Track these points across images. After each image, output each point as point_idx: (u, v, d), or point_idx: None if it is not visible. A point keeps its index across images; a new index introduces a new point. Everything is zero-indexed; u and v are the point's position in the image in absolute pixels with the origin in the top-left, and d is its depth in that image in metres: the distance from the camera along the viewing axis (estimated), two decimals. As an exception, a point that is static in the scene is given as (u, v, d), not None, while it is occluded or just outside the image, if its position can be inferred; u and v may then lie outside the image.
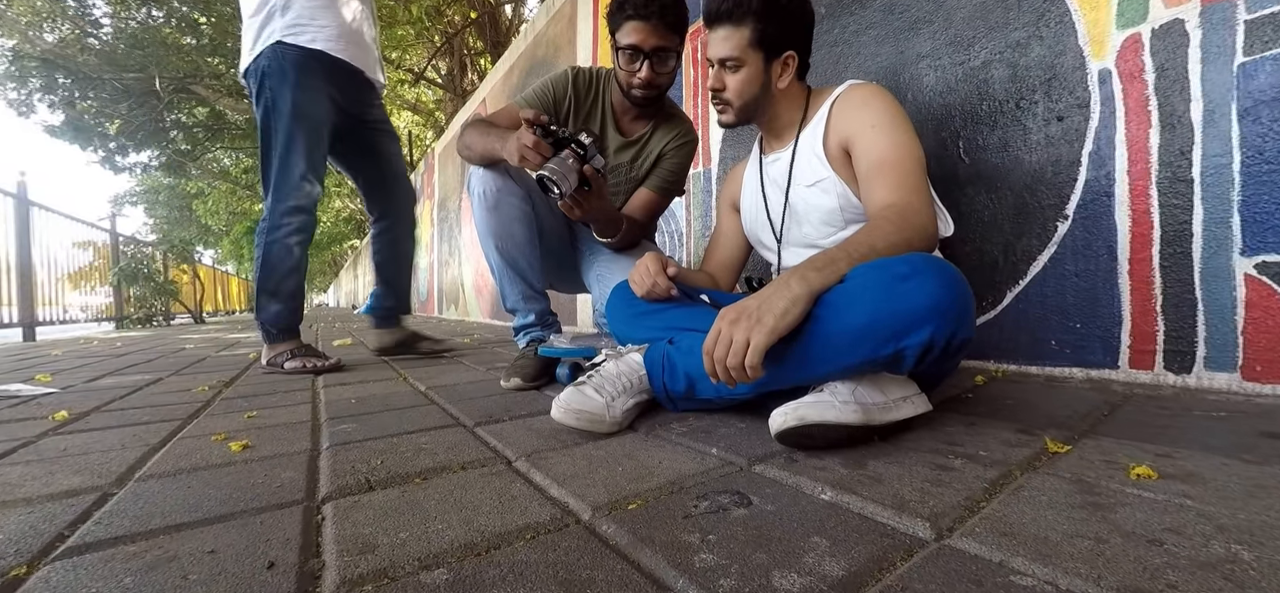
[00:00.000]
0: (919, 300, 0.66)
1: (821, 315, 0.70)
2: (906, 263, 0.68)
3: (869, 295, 0.67)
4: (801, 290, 0.70)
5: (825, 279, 0.72)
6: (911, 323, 0.67)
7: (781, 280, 0.72)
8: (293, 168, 1.62)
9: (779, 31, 1.04)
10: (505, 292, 1.40)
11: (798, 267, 0.74)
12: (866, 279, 0.69)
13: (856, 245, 0.77)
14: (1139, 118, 1.03)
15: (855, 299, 0.68)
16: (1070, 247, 1.13)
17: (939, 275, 0.67)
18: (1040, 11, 1.16)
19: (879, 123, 0.95)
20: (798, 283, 0.71)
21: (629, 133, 1.42)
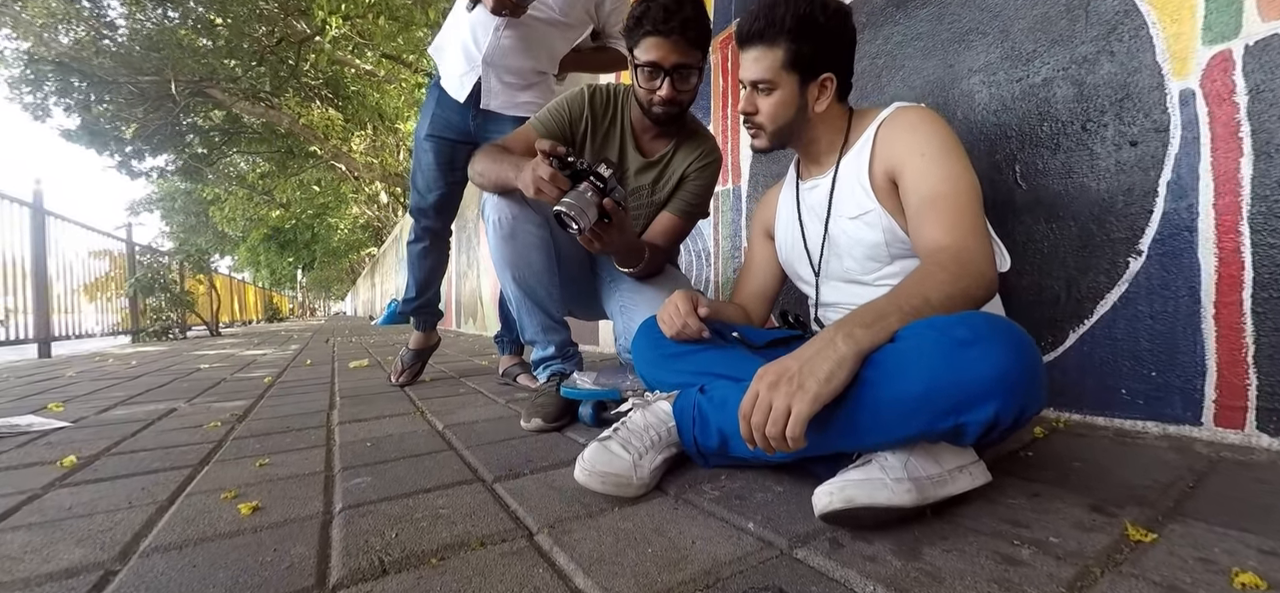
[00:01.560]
0: (983, 370, 0.62)
1: (871, 379, 0.67)
2: (968, 326, 0.64)
3: (925, 362, 0.64)
4: (848, 351, 0.67)
5: (874, 337, 0.68)
6: (974, 396, 0.63)
7: (825, 338, 0.69)
8: None
9: (815, 52, 1.01)
10: (523, 324, 1.39)
11: (843, 322, 0.71)
12: (922, 342, 0.65)
13: (908, 297, 0.73)
14: (1228, 145, 0.97)
15: (909, 365, 0.65)
16: (1145, 286, 1.07)
17: (1006, 343, 0.63)
18: (1112, 24, 1.11)
19: (929, 151, 0.91)
20: (844, 341, 0.68)
21: (650, 153, 1.40)
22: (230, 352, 4.47)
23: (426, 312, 2.09)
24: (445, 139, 1.91)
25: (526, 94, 1.89)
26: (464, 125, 1.89)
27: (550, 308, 1.37)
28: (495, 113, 1.86)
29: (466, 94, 1.82)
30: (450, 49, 1.89)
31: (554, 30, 1.84)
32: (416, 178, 1.97)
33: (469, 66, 1.82)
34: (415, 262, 2.04)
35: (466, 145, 1.94)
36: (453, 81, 1.86)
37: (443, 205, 1.96)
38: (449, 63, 1.89)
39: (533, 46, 1.83)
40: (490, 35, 1.78)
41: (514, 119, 1.88)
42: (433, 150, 1.92)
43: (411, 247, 2.04)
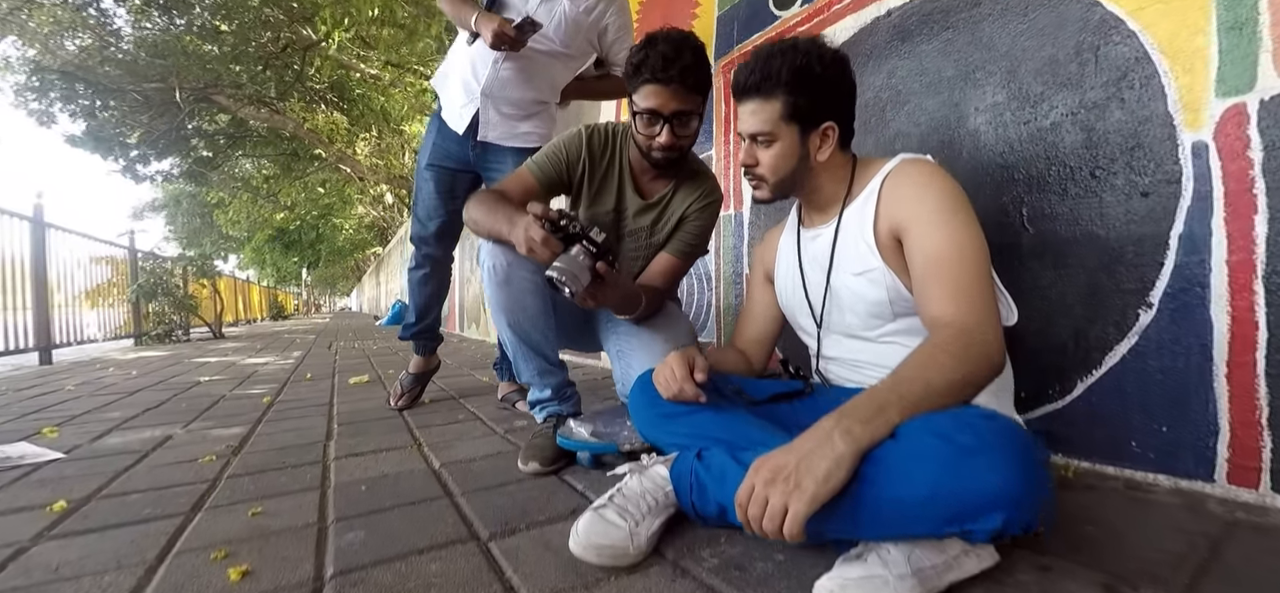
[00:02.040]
0: (989, 482, 0.59)
1: (871, 477, 0.64)
2: (971, 432, 0.61)
3: (927, 469, 0.61)
4: (846, 450, 0.64)
5: (873, 433, 0.65)
6: (979, 507, 0.60)
7: (824, 432, 0.66)
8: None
9: (815, 103, 0.98)
10: (519, 367, 1.36)
11: (842, 415, 0.68)
12: (922, 447, 0.62)
13: (910, 384, 0.70)
14: (1242, 201, 0.94)
15: (911, 469, 0.62)
16: (1155, 340, 1.04)
17: (1012, 452, 0.59)
18: (1122, 70, 1.08)
19: (935, 211, 0.88)
20: (842, 438, 0.64)
21: (649, 194, 1.37)
22: (231, 359, 4.44)
23: (426, 336, 2.06)
24: (446, 168, 1.89)
25: (526, 124, 1.86)
26: (464, 155, 1.86)
27: (546, 351, 1.34)
28: (494, 144, 1.83)
29: (465, 126, 1.80)
30: (452, 80, 1.86)
31: (555, 61, 1.81)
32: (417, 206, 1.95)
33: (468, 98, 1.80)
34: (416, 288, 2.01)
35: (467, 174, 1.92)
36: (453, 113, 1.84)
37: (443, 233, 1.93)
38: (450, 94, 1.86)
39: (533, 78, 1.81)
40: (489, 68, 1.75)
41: (513, 150, 1.85)
42: (433, 179, 1.89)
43: (412, 273, 2.01)
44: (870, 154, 1.51)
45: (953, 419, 0.63)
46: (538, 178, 1.32)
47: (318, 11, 7.54)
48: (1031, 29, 1.21)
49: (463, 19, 1.70)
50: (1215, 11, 0.97)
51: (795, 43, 0.99)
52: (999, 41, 1.27)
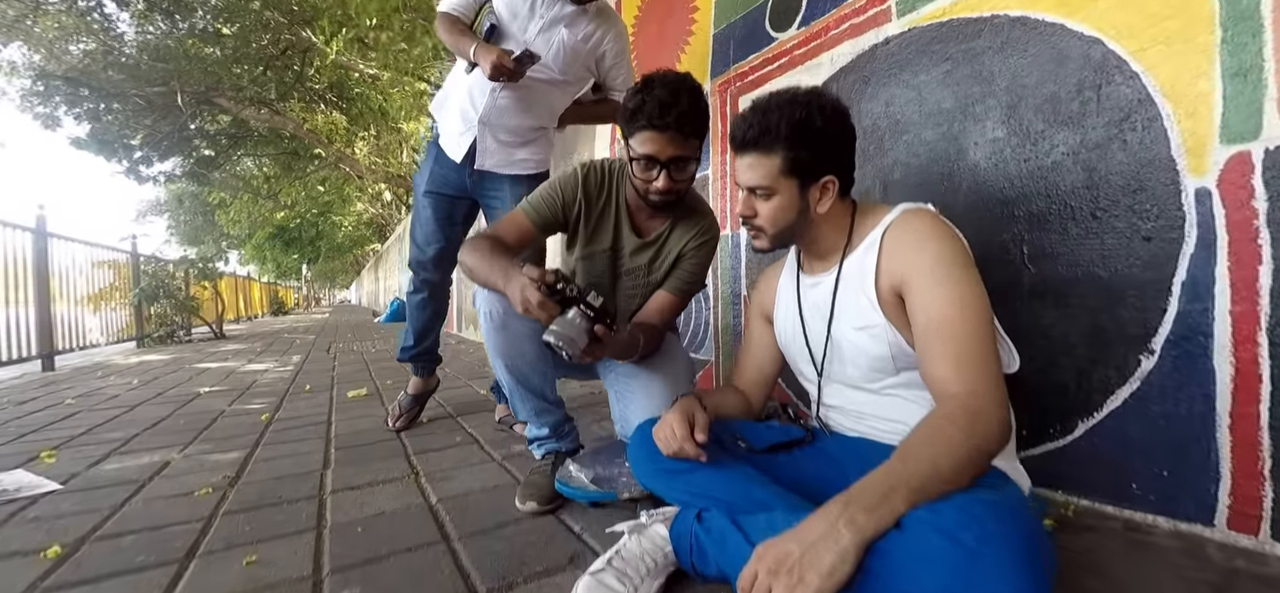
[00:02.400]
0: (994, 587, 0.56)
1: (876, 571, 0.61)
2: (978, 527, 0.59)
3: (935, 573, 0.58)
4: (851, 542, 0.61)
5: (879, 523, 0.63)
6: None
7: (828, 521, 0.64)
8: None
9: (815, 157, 0.96)
10: (516, 406, 1.34)
11: (848, 501, 0.66)
12: (930, 549, 0.59)
13: (918, 466, 0.68)
14: (1246, 251, 0.92)
15: (918, 571, 0.59)
16: (1157, 385, 1.02)
17: (1019, 553, 0.57)
18: (1125, 111, 1.05)
19: (938, 268, 0.86)
20: (846, 528, 0.62)
21: (646, 232, 1.35)
22: (231, 364, 4.41)
23: (425, 358, 2.04)
24: (444, 195, 1.87)
25: (524, 151, 1.84)
26: (461, 182, 1.84)
27: (544, 391, 1.32)
28: (491, 172, 1.81)
29: (463, 154, 1.77)
30: (449, 107, 1.84)
31: (553, 88, 1.79)
32: (415, 232, 1.93)
33: (465, 126, 1.77)
34: (415, 312, 1.99)
35: (465, 201, 1.90)
36: (450, 141, 1.81)
37: (441, 259, 1.91)
38: (447, 121, 1.84)
39: (531, 105, 1.78)
40: (487, 96, 1.73)
41: (510, 177, 1.83)
42: (431, 206, 1.87)
43: (411, 297, 1.99)
44: (868, 184, 1.51)
45: (959, 512, 0.61)
46: (533, 220, 1.30)
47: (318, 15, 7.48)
48: (1032, 64, 1.19)
49: (461, 49, 1.68)
50: (1219, 57, 0.95)
51: (794, 96, 0.96)
52: (999, 76, 1.24)
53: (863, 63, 1.56)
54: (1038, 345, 1.17)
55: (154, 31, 9.11)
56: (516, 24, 1.70)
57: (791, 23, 1.78)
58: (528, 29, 1.69)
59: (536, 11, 1.68)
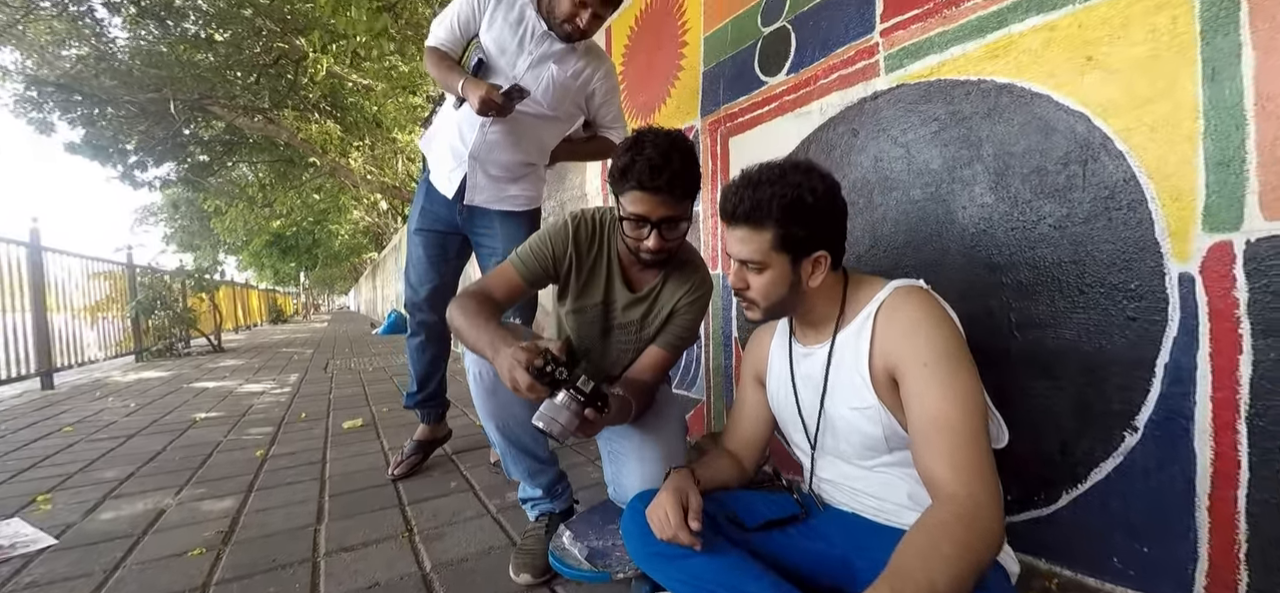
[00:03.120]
0: None
1: None
2: None
3: None
4: None
5: None
6: None
7: None
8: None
9: (806, 234, 0.95)
10: (508, 466, 1.33)
11: None
12: None
13: (915, 586, 0.67)
14: (1227, 339, 0.92)
15: None
16: (1140, 463, 1.02)
17: None
18: (1110, 189, 1.05)
19: (933, 359, 0.85)
20: None
21: (638, 286, 1.34)
22: (228, 383, 4.38)
23: (431, 404, 2.02)
24: (435, 232, 1.85)
25: (515, 187, 1.82)
26: (452, 218, 1.83)
27: (537, 451, 1.30)
28: (481, 207, 1.79)
29: (454, 190, 1.76)
30: (438, 143, 1.82)
31: (542, 124, 1.77)
32: (409, 272, 1.91)
33: (456, 162, 1.76)
34: (414, 356, 1.97)
35: (456, 237, 1.88)
36: (440, 177, 1.80)
37: (435, 297, 1.89)
38: (437, 157, 1.82)
39: (521, 141, 1.77)
40: (476, 131, 1.71)
41: (501, 213, 1.81)
42: (422, 244, 1.85)
43: (409, 341, 1.97)
44: (858, 236, 1.50)
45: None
46: (523, 275, 1.28)
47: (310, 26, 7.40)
48: (1019, 133, 1.18)
49: (449, 84, 1.66)
50: (1202, 145, 0.94)
51: (785, 171, 0.96)
52: (986, 141, 1.24)
53: (852, 115, 1.55)
54: (1025, 413, 1.17)
55: (146, 37, 8.99)
56: (505, 60, 1.68)
57: (780, 68, 1.77)
58: (517, 65, 1.67)
59: (525, 48, 1.67)
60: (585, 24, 1.60)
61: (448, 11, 1.70)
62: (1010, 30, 1.19)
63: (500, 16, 1.66)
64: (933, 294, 0.95)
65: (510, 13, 1.66)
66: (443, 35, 1.69)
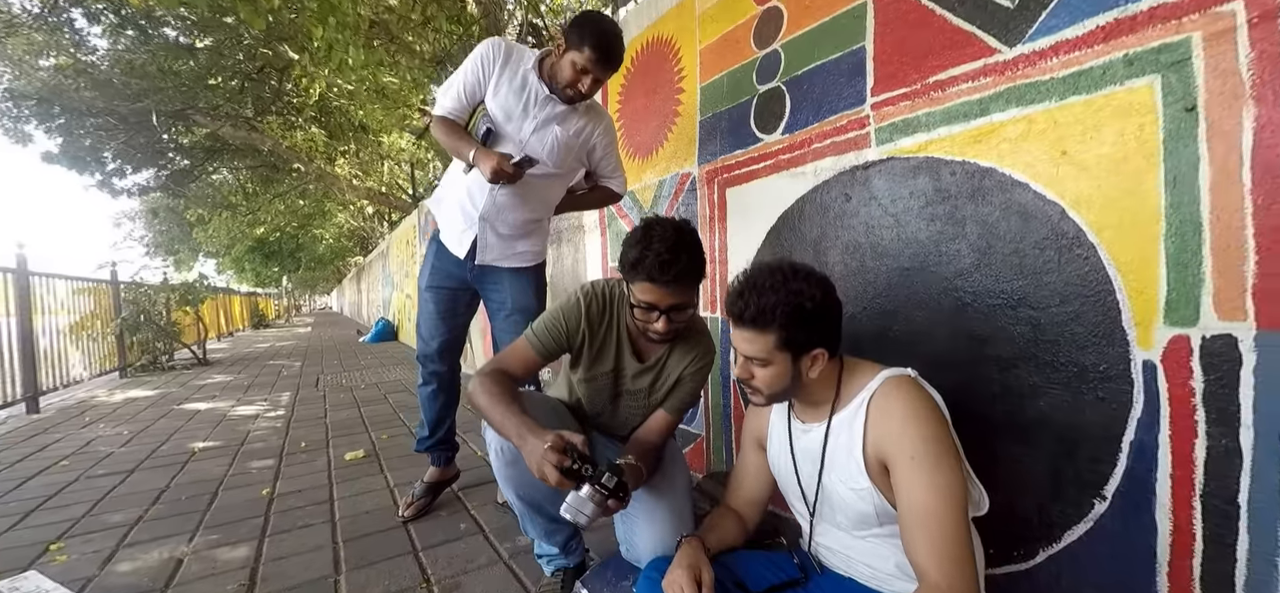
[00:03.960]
0: None
1: None
2: None
3: None
4: None
5: None
6: None
7: None
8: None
9: (806, 336, 1.03)
10: (526, 528, 1.41)
11: None
12: None
13: None
14: (1185, 424, 1.02)
15: None
16: (1108, 529, 1.13)
17: None
18: (1082, 277, 1.15)
19: (920, 455, 0.94)
20: None
21: (646, 356, 1.42)
22: (219, 404, 4.37)
23: (441, 448, 2.08)
24: (446, 289, 1.91)
25: (523, 243, 1.89)
26: (462, 275, 1.89)
27: (553, 513, 1.38)
28: (491, 265, 1.85)
29: (465, 250, 1.82)
30: (448, 204, 1.88)
31: (548, 182, 1.85)
32: (421, 326, 1.97)
33: (467, 224, 1.82)
34: (427, 403, 2.03)
35: (466, 291, 1.95)
36: (452, 238, 1.86)
37: (446, 350, 1.96)
38: (447, 218, 1.88)
39: (528, 199, 1.84)
40: (486, 195, 1.77)
41: (510, 269, 1.88)
42: (433, 301, 1.91)
43: (422, 390, 2.03)
44: (854, 297, 1.59)
45: None
46: (538, 352, 1.35)
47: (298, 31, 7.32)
48: (1000, 216, 1.28)
49: (460, 152, 1.72)
50: (1164, 246, 1.04)
51: (786, 277, 1.04)
52: (970, 221, 1.33)
53: (845, 180, 1.64)
54: (1006, 473, 1.27)
55: (124, 44, 8.82)
56: (511, 125, 1.75)
57: (776, 127, 1.85)
58: (523, 129, 1.74)
59: (530, 112, 1.74)
60: (586, 89, 1.68)
61: (453, 82, 1.76)
62: (992, 118, 1.29)
63: (505, 84, 1.73)
64: (920, 383, 1.04)
65: (514, 79, 1.73)
66: (450, 105, 1.75)
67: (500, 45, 1.76)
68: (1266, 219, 0.93)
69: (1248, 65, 0.95)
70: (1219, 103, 0.98)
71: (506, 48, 1.76)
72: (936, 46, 1.39)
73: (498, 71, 1.73)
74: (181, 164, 11.87)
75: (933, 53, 1.40)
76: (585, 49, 1.61)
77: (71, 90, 8.29)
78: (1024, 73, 1.23)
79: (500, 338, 1.96)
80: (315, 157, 10.01)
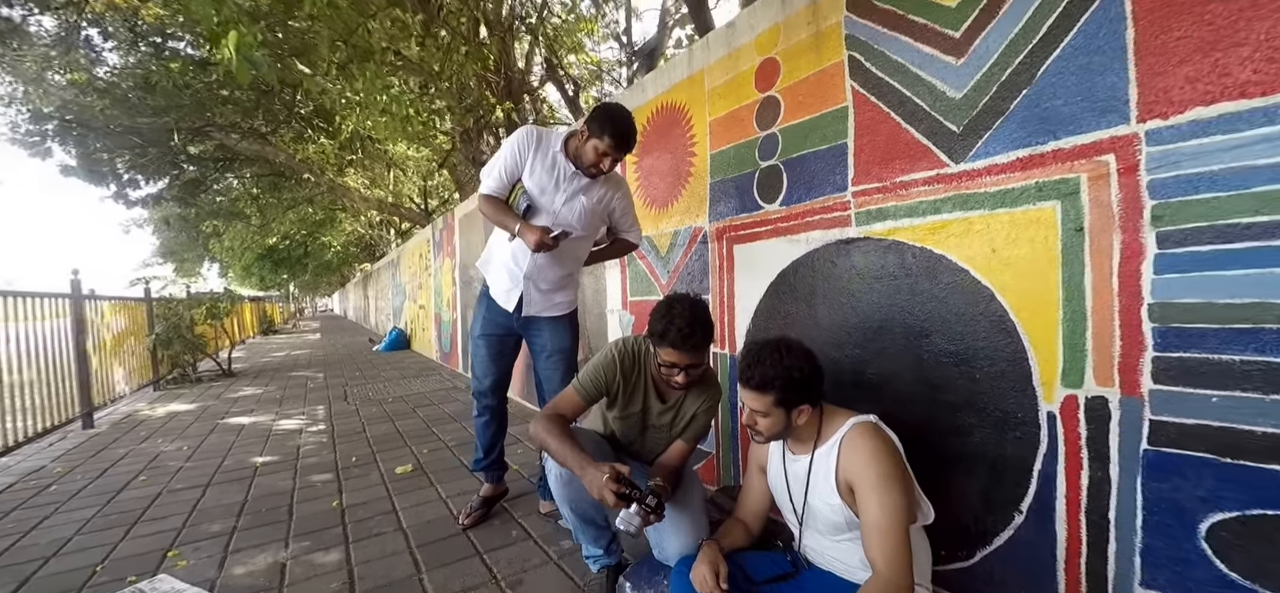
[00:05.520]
0: None
1: None
2: None
3: None
4: None
5: None
6: None
7: None
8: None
9: (796, 396, 1.42)
10: (577, 534, 1.81)
11: None
12: None
13: None
14: (1074, 461, 1.42)
15: None
16: (1025, 537, 1.52)
17: None
18: (1004, 344, 1.54)
19: (877, 484, 1.33)
20: None
21: (667, 398, 1.81)
22: (259, 419, 4.76)
23: (495, 468, 2.48)
24: (496, 336, 2.31)
25: (560, 296, 2.28)
26: (509, 324, 2.29)
27: (598, 521, 1.77)
28: (534, 316, 2.25)
29: (513, 305, 2.22)
30: (495, 266, 2.28)
31: (578, 242, 2.24)
32: (475, 367, 2.36)
33: (512, 283, 2.22)
34: (481, 431, 2.43)
35: (512, 336, 2.34)
36: (500, 294, 2.25)
37: (497, 386, 2.36)
38: (495, 277, 2.28)
39: (564, 259, 2.23)
40: (528, 258, 2.17)
41: (549, 318, 2.28)
42: (486, 346, 2.31)
43: (477, 420, 2.43)
44: (842, 342, 1.97)
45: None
46: (583, 398, 1.75)
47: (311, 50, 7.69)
48: (947, 292, 1.67)
49: (506, 225, 2.11)
50: (1061, 329, 1.43)
51: (783, 354, 1.42)
52: (926, 295, 1.72)
53: (831, 250, 2.02)
54: (952, 491, 1.66)
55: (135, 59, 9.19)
56: (546, 199, 2.14)
57: (776, 199, 2.24)
58: (556, 201, 2.14)
59: (561, 187, 2.13)
60: (607, 167, 2.08)
61: (495, 164, 2.16)
62: (943, 217, 1.68)
63: (538, 164, 2.12)
64: (880, 427, 1.43)
65: (545, 160, 2.13)
66: (493, 185, 2.16)
67: (533, 132, 2.15)
68: (1126, 317, 1.32)
69: (1117, 202, 1.34)
70: (1099, 227, 1.37)
71: (538, 135, 2.16)
72: (902, 153, 1.78)
73: (532, 155, 2.13)
74: (192, 173, 12.25)
75: (899, 158, 1.79)
76: (606, 137, 2.01)
77: (90, 108, 8.66)
78: (966, 184, 1.62)
79: (542, 374, 2.35)
80: (326, 168, 10.39)
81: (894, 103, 1.79)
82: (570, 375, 2.27)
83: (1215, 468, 1.21)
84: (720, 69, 2.49)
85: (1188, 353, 1.24)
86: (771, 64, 2.23)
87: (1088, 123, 1.37)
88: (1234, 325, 1.17)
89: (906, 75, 1.75)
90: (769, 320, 2.30)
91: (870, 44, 1.86)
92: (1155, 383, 1.28)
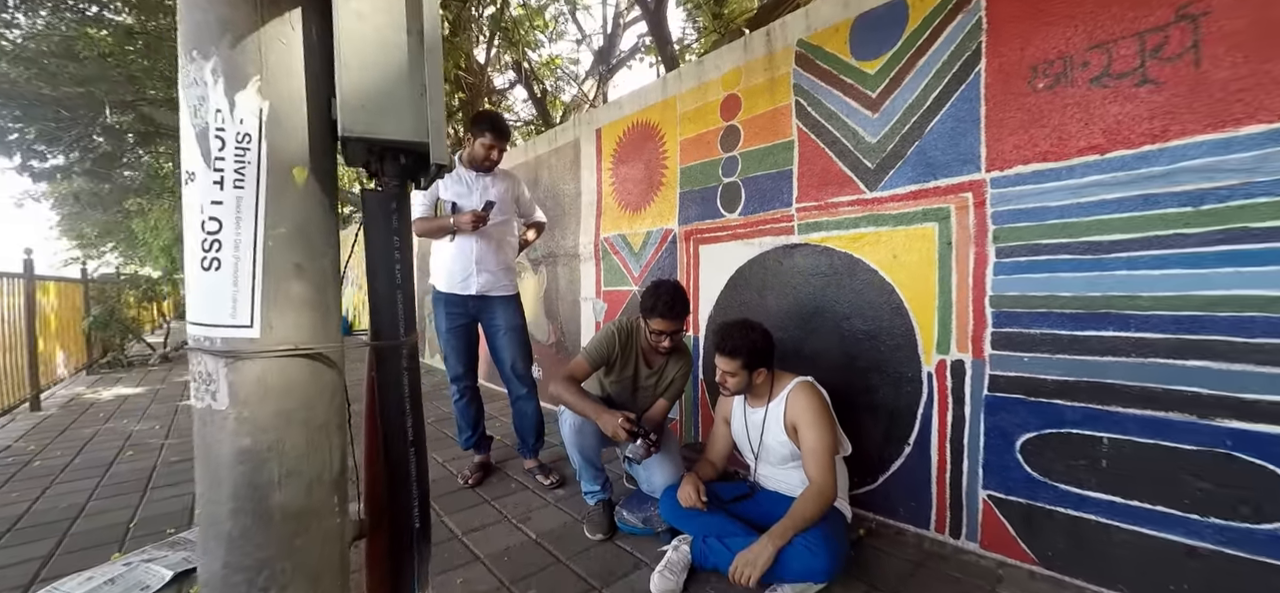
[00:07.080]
0: (820, 563, 1.63)
1: (782, 558, 1.67)
2: (818, 537, 1.66)
3: (801, 559, 1.64)
4: (772, 550, 1.66)
5: (781, 541, 1.68)
6: (817, 572, 1.65)
7: (763, 541, 1.68)
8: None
9: (756, 361, 1.98)
10: (580, 474, 2.31)
11: (770, 534, 1.70)
12: (798, 549, 1.66)
13: (798, 518, 1.73)
14: (943, 405, 2.06)
15: (794, 559, 1.65)
16: (912, 462, 2.16)
17: (831, 548, 1.65)
18: (902, 325, 2.16)
19: (813, 423, 1.91)
20: (770, 544, 1.67)
21: (652, 364, 2.34)
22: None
23: (483, 441, 2.90)
24: (459, 326, 2.76)
25: (505, 277, 2.81)
26: (465, 311, 2.75)
27: (597, 464, 2.27)
28: (486, 296, 2.73)
29: (473, 291, 2.68)
30: (444, 271, 2.74)
31: (504, 227, 2.78)
32: (448, 358, 2.78)
33: (464, 273, 2.69)
34: (464, 411, 2.83)
35: (473, 324, 2.81)
36: (456, 285, 2.70)
37: (469, 368, 2.81)
38: (447, 277, 2.73)
39: (501, 246, 2.77)
40: (474, 247, 2.66)
41: (500, 297, 2.77)
42: (453, 337, 2.75)
43: (458, 403, 2.82)
44: (791, 322, 2.56)
45: (809, 535, 1.68)
46: (591, 363, 2.25)
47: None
48: (862, 287, 2.28)
49: (443, 228, 2.61)
50: (937, 314, 2.06)
51: (748, 330, 1.97)
52: (846, 288, 2.33)
53: (779, 252, 2.61)
54: (864, 430, 2.28)
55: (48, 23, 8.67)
56: (465, 203, 2.66)
57: (735, 209, 2.80)
58: (472, 201, 2.65)
59: (473, 190, 2.68)
60: (496, 158, 2.64)
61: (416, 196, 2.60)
62: (861, 231, 2.29)
63: (450, 180, 2.67)
64: (814, 386, 2.00)
65: (453, 176, 2.69)
66: (420, 211, 2.64)
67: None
68: (976, 304, 1.96)
69: (973, 225, 1.97)
70: (962, 244, 2.00)
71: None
72: (833, 181, 2.38)
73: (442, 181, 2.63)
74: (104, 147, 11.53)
75: (831, 184, 2.38)
76: (486, 133, 2.58)
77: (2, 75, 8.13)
78: (877, 207, 2.23)
79: (498, 348, 2.82)
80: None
81: (828, 141, 2.39)
82: (525, 349, 2.81)
83: (1025, 405, 1.87)
84: (691, 97, 3.02)
85: (1011, 329, 1.89)
86: (734, 99, 2.79)
87: (956, 169, 2.00)
88: (1036, 310, 1.83)
89: (838, 121, 2.35)
90: (728, 309, 2.86)
91: (812, 92, 2.44)
92: (993, 349, 1.93)
